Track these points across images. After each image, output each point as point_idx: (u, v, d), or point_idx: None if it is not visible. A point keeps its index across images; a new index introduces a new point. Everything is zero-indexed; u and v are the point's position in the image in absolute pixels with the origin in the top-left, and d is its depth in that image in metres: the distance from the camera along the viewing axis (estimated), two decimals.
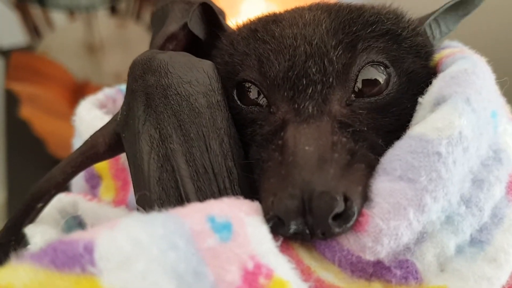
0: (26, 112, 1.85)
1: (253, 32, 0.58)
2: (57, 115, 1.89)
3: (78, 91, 2.01)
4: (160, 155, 0.49)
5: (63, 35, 2.31)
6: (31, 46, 2.25)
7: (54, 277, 0.34)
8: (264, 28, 0.57)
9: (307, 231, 0.43)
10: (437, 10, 0.61)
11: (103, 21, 2.29)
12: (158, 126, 0.50)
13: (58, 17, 2.31)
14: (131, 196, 0.61)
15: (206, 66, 0.54)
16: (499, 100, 0.54)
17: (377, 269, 0.45)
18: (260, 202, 0.45)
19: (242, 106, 0.55)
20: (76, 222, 0.62)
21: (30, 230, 0.56)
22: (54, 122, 1.86)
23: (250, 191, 0.49)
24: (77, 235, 0.37)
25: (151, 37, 0.67)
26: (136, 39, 2.29)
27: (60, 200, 0.61)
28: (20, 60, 2.03)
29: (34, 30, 2.23)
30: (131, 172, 0.51)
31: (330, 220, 0.42)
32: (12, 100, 1.95)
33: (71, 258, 0.35)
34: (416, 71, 0.56)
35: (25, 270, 0.34)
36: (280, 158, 0.47)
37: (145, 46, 0.65)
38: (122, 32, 2.31)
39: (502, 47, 1.76)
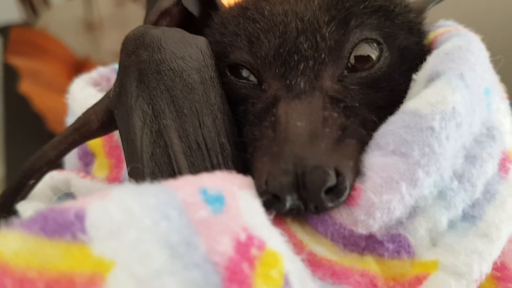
0: (25, 87, 1.82)
1: (244, 10, 0.57)
2: (57, 91, 1.86)
3: (78, 67, 2.00)
4: (153, 131, 0.49)
5: (61, 12, 2.28)
6: (28, 23, 2.23)
7: (44, 245, 0.34)
8: (254, 5, 0.57)
9: (302, 206, 0.43)
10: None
11: (102, 0, 2.27)
12: (151, 101, 0.49)
13: None
14: (124, 173, 0.61)
15: (199, 42, 0.53)
16: (493, 78, 0.53)
17: (370, 243, 0.45)
18: (253, 179, 0.45)
19: (235, 80, 0.55)
20: (68, 199, 0.62)
21: (22, 206, 0.56)
22: (54, 97, 1.83)
23: (243, 168, 0.49)
24: (68, 204, 0.36)
25: (145, 13, 0.66)
26: (134, 18, 2.26)
27: (52, 177, 0.61)
28: (20, 34, 2.01)
29: (30, 7, 2.21)
30: (124, 148, 0.50)
31: (322, 194, 0.42)
32: (12, 75, 1.92)
33: (62, 226, 0.34)
34: (409, 47, 0.55)
35: (15, 237, 0.34)
36: (272, 135, 0.47)
37: None
38: (121, 11, 2.29)
39: (496, 26, 1.74)
